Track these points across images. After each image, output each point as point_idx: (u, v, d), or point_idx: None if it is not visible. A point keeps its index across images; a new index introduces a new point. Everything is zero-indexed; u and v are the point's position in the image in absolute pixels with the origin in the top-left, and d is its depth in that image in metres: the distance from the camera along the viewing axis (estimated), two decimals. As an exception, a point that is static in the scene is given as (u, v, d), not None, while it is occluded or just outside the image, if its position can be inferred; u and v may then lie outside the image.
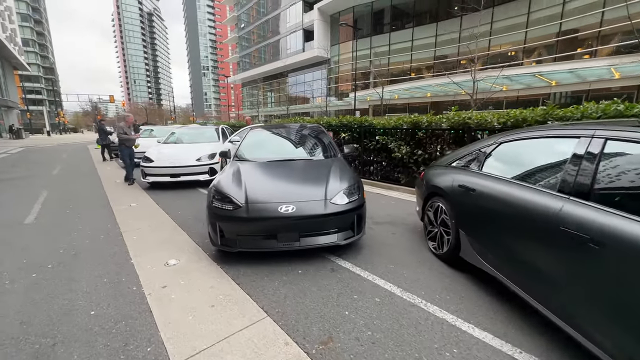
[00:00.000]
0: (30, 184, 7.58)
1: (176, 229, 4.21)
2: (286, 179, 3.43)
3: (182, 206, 5.40)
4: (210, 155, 6.93)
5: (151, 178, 6.65)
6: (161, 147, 7.28)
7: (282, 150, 4.31)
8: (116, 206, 5.45)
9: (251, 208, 2.94)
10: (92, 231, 4.18)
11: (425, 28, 23.46)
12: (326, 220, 2.99)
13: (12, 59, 37.34)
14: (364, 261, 3.14)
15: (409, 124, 6.01)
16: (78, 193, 6.55)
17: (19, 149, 19.89)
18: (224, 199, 3.09)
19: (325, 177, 3.37)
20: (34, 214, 5.03)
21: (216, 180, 3.45)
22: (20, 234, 4.09)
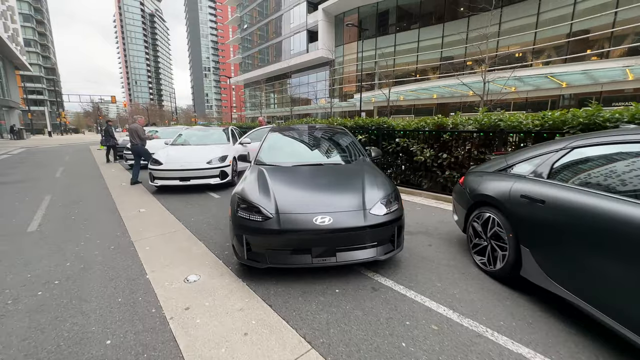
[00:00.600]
0: (33, 188, 7.28)
1: (191, 239, 3.90)
2: (317, 186, 3.11)
3: (194, 212, 5.09)
4: (221, 158, 6.63)
5: (160, 182, 6.34)
6: (169, 149, 6.98)
7: (307, 153, 4.00)
8: (124, 212, 5.14)
9: (283, 219, 2.63)
10: (101, 240, 3.87)
11: (431, 29, 23.21)
12: (365, 233, 2.68)
13: (13, 59, 37.13)
14: (406, 278, 2.83)
15: (432, 126, 5.70)
16: (83, 197, 6.25)
17: (20, 150, 19.60)
18: (250, 208, 2.78)
19: (360, 184, 3.06)
20: (37, 220, 4.72)
21: (239, 187, 3.14)
22: (23, 244, 3.78)
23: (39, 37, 71.00)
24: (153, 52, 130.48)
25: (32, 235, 4.11)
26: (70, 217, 4.91)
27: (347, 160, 3.87)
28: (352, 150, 4.06)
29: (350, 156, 3.94)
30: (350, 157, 3.93)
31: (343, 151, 4.06)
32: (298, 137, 4.40)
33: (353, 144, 4.21)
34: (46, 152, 17.59)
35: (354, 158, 3.90)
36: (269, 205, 2.76)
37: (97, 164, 11.70)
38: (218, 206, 5.46)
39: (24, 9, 64.81)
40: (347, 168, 3.62)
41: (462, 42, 20.98)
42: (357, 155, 3.97)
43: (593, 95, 17.54)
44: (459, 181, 3.53)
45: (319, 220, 2.61)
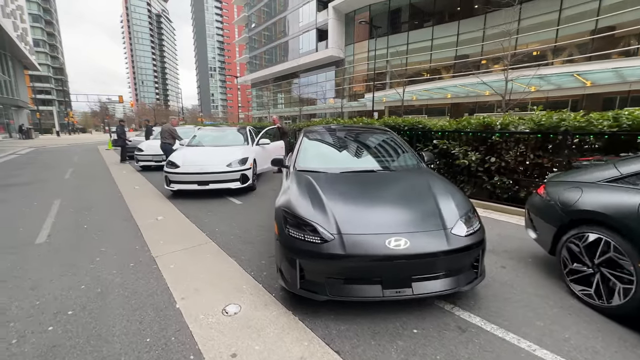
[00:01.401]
0: (41, 191, 6.87)
1: (220, 254, 3.41)
2: (380, 199, 2.59)
3: (217, 221, 4.61)
4: (241, 161, 6.15)
5: (176, 186, 5.88)
6: (185, 151, 6.52)
7: (354, 158, 3.49)
8: (140, 220, 4.68)
9: (348, 242, 2.13)
10: (118, 255, 3.40)
11: (446, 26, 22.57)
12: (448, 259, 2.17)
13: (22, 58, 37.20)
14: (494, 313, 2.31)
15: (478, 126, 5.16)
16: (95, 202, 5.81)
17: (28, 149, 19.39)
18: (303, 226, 2.27)
19: (431, 197, 2.55)
20: (46, 230, 4.27)
21: (284, 199, 2.64)
22: (31, 260, 3.32)
23: (47, 38, 71.47)
24: (159, 52, 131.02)
25: (40, 247, 3.66)
26: (82, 225, 4.46)
27: (402, 166, 3.35)
28: (403, 154, 3.54)
29: (403, 161, 3.42)
30: (403, 162, 3.41)
31: (393, 155, 3.55)
32: (338, 138, 3.89)
33: (402, 146, 3.69)
34: (54, 152, 17.32)
35: (408, 163, 3.38)
36: (327, 223, 2.25)
37: (107, 165, 11.32)
38: (242, 214, 4.97)
39: (33, 10, 65.23)
40: (405, 176, 3.10)
41: (479, 40, 20.34)
42: (410, 160, 3.45)
43: (618, 95, 16.84)
44: (537, 191, 3.00)
45: (393, 243, 2.10)
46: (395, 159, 3.45)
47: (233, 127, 8.26)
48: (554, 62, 17.92)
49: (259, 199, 6.03)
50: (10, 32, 30.05)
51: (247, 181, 6.14)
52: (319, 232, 2.20)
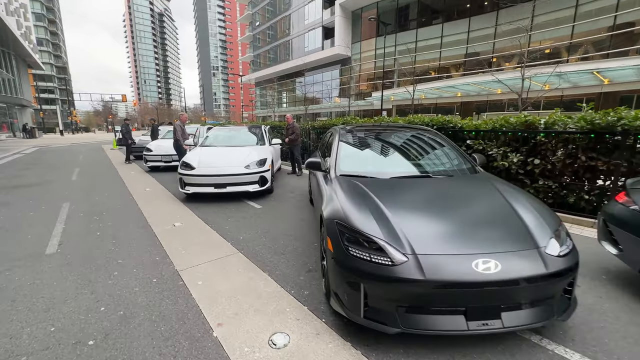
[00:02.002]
0: (48, 193, 6.55)
1: (251, 268, 3.06)
2: (451, 210, 2.22)
3: (239, 227, 4.26)
4: (259, 162, 5.80)
5: (192, 189, 5.53)
6: (200, 151, 6.17)
7: (403, 161, 3.12)
8: (157, 226, 4.34)
9: (426, 264, 1.77)
10: (138, 269, 3.06)
11: (456, 23, 22.11)
12: (544, 284, 1.81)
13: (26, 56, 37.02)
14: (594, 346, 1.94)
15: (519, 126, 4.78)
16: (106, 206, 5.47)
17: (32, 149, 19.14)
18: (367, 244, 1.92)
19: (509, 208, 2.19)
20: (57, 238, 3.94)
21: (334, 209, 2.28)
22: (42, 274, 2.99)
23: (50, 37, 71.40)
24: (162, 51, 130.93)
25: (52, 259, 3.32)
26: (94, 232, 4.13)
27: (457, 170, 2.98)
28: (454, 157, 3.17)
29: (457, 164, 3.06)
30: (457, 165, 3.04)
31: (443, 157, 3.18)
32: (379, 139, 3.52)
33: (451, 147, 3.32)
34: (59, 152, 17.05)
35: (463, 167, 3.02)
36: (396, 240, 1.90)
37: (114, 165, 11.01)
38: (264, 220, 4.62)
39: (36, 8, 65.14)
40: (468, 182, 2.73)
41: (492, 37, 19.88)
42: (463, 163, 3.08)
43: (636, 93, 16.36)
44: (617, 199, 2.63)
45: (481, 265, 1.74)
46: (447, 162, 3.08)
47: (246, 126, 7.90)
48: (568, 60, 17.47)
49: (278, 202, 5.68)
50: (14, 30, 29.84)
51: (266, 183, 5.80)
52: (388, 251, 1.85)
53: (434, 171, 2.88)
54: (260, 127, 7.50)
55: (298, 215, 4.83)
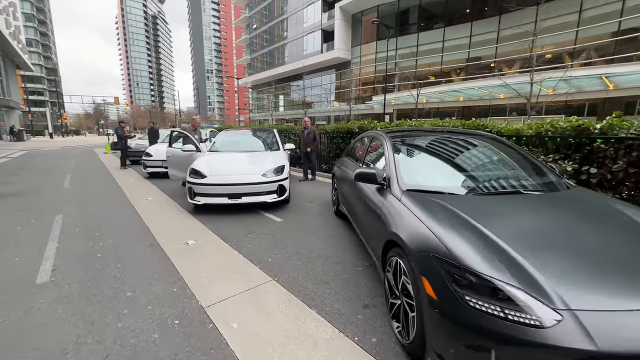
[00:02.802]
0: (39, 203, 5.88)
1: (295, 304, 2.50)
2: (591, 243, 1.67)
3: (264, 246, 3.70)
4: (277, 169, 5.24)
5: (203, 199, 4.94)
6: (210, 158, 5.57)
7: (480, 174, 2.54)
8: (168, 245, 3.75)
9: (593, 325, 1.24)
10: (153, 305, 2.48)
11: (458, 28, 22.00)
12: None
13: (15, 57, 35.81)
14: None
15: (569, 131, 4.34)
16: (105, 219, 4.84)
17: (20, 152, 18.19)
18: (492, 290, 1.40)
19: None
20: (49, 261, 3.31)
21: (425, 236, 1.75)
22: (32, 315, 2.38)
23: (40, 37, 69.80)
24: (155, 54, 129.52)
25: (44, 291, 2.71)
26: (94, 254, 3.51)
27: (547, 183, 2.46)
28: (535, 168, 2.67)
29: (544, 177, 2.54)
30: (544, 178, 2.53)
31: (524, 169, 2.66)
32: (440, 146, 3.00)
33: (526, 157, 2.83)
34: (49, 156, 16.19)
35: (552, 180, 2.51)
36: (535, 286, 1.37)
37: (109, 171, 10.31)
38: (291, 236, 4.07)
39: (26, 9, 63.66)
40: (579, 202, 2.19)
41: (497, 42, 19.77)
42: (549, 175, 2.59)
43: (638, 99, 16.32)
44: None
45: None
46: (530, 174, 2.58)
47: (257, 130, 7.34)
48: (572, 65, 17.39)
49: (299, 214, 5.12)
50: (2, 29, 28.79)
51: (284, 193, 5.24)
52: (529, 305, 1.32)
53: (521, 185, 2.37)
54: (272, 131, 6.95)
55: (327, 230, 4.29)
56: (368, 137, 3.88)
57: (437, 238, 1.69)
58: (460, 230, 1.71)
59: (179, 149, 6.19)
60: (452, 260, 1.54)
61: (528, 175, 2.56)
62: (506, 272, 1.43)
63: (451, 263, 1.54)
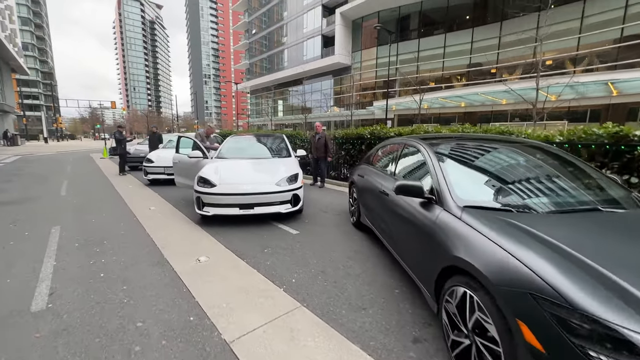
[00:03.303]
0: (33, 213, 5.49)
1: (332, 336, 2.17)
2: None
3: (285, 263, 3.37)
4: (290, 178, 4.92)
5: (212, 210, 4.60)
6: (219, 165, 5.24)
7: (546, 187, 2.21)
8: (177, 262, 3.40)
9: None
10: (169, 340, 2.13)
11: (459, 34, 22.04)
12: None
13: (10, 60, 35.31)
14: None
15: (606, 138, 4.08)
16: (106, 231, 4.48)
17: (14, 157, 17.69)
18: (626, 345, 1.09)
19: None
20: (46, 282, 2.95)
21: (515, 268, 1.44)
22: (26, 352, 2.02)
23: (37, 41, 69.29)
24: (152, 59, 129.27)
25: (40, 321, 2.35)
26: (96, 272, 3.15)
27: (619, 199, 2.17)
28: (599, 180, 2.38)
29: (613, 191, 2.24)
30: (615, 192, 2.23)
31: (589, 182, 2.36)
32: (489, 156, 2.68)
33: (587, 167, 2.54)
34: (44, 161, 15.72)
35: (622, 195, 2.22)
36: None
37: (107, 177, 9.91)
38: (312, 251, 3.73)
39: (22, 13, 63.27)
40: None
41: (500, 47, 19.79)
42: (615, 188, 2.30)
43: None
44: None
45: None
46: (599, 188, 2.28)
47: (265, 135, 7.02)
48: (575, 71, 17.38)
49: (314, 225, 4.80)
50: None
51: (298, 203, 4.91)
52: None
53: (596, 201, 2.08)
54: (281, 137, 6.64)
55: (349, 244, 3.96)
56: (397, 145, 3.58)
57: (533, 271, 1.38)
58: (559, 261, 1.40)
59: (186, 155, 5.86)
60: (562, 303, 1.23)
61: (597, 189, 2.27)
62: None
63: (561, 305, 1.23)
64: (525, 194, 2.12)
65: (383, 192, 3.17)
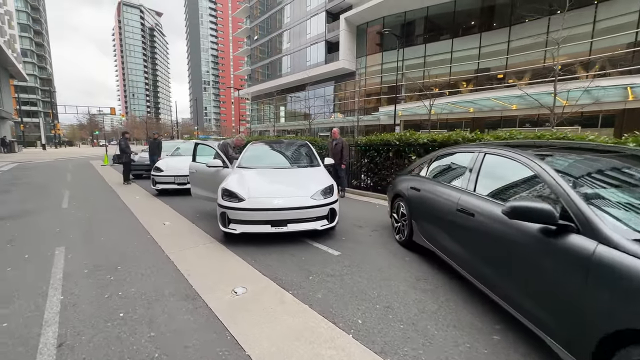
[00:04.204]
0: (34, 231, 4.90)
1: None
2: None
3: (340, 296, 2.80)
4: (325, 190, 4.37)
5: (240, 227, 4.03)
6: (245, 176, 4.65)
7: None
8: (210, 295, 2.83)
9: None
10: None
11: (467, 39, 21.79)
12: None
13: (9, 65, 34.77)
14: None
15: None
16: (119, 253, 3.89)
17: (11, 165, 17.05)
18: None
19: None
20: (53, 328, 2.36)
21: None
22: None
23: (36, 48, 68.93)
24: (152, 66, 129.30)
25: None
26: (115, 312, 2.57)
27: None
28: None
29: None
30: None
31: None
32: (609, 168, 2.17)
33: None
34: (42, 169, 15.09)
35: None
36: None
37: (111, 187, 9.32)
38: (365, 279, 3.17)
39: (22, 19, 63.03)
40: None
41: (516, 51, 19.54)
42: None
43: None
44: None
45: None
46: None
47: (290, 142, 6.45)
48: (588, 75, 17.08)
49: (353, 243, 4.24)
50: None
51: (335, 218, 4.36)
52: None
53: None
54: (306, 144, 6.09)
55: (407, 270, 3.40)
56: (468, 154, 3.04)
57: None
58: None
59: (204, 164, 5.30)
60: None
61: None
62: None
63: None
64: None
65: (463, 210, 2.63)
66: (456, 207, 2.74)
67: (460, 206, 2.69)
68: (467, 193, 2.71)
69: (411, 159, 6.44)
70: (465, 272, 2.68)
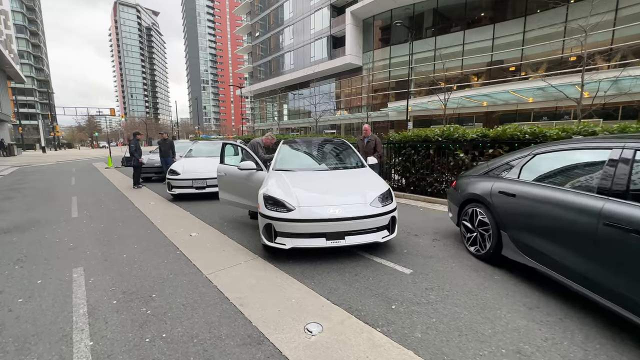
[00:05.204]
0: (44, 247, 4.28)
1: None
2: None
3: (442, 334, 2.20)
4: (383, 196, 3.75)
5: (291, 242, 3.42)
6: (287, 180, 3.99)
7: None
8: (280, 337, 2.22)
9: None
10: None
11: (480, 30, 21.08)
12: None
13: (6, 66, 33.99)
14: None
15: None
16: (150, 276, 3.28)
17: (11, 169, 16.40)
18: None
19: None
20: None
21: None
22: None
23: (32, 49, 68.00)
24: (149, 66, 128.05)
25: None
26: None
27: None
28: None
29: None
30: None
31: None
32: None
33: None
34: (44, 172, 14.46)
35: None
36: None
37: (120, 191, 8.70)
38: (463, 308, 2.56)
39: (18, 20, 62.03)
40: None
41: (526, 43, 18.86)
42: None
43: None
44: None
45: None
46: None
47: (325, 140, 5.82)
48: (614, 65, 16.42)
49: (422, 257, 3.63)
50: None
51: (395, 227, 3.75)
52: None
53: None
54: (344, 142, 5.46)
55: (508, 294, 2.79)
56: (594, 150, 2.42)
57: None
58: None
59: (234, 167, 4.68)
60: None
61: None
62: None
63: None
64: None
65: (614, 225, 2.02)
66: (598, 219, 2.13)
67: (607, 219, 2.07)
68: (617, 202, 2.09)
69: (457, 157, 5.82)
70: (596, 296, 2.08)
